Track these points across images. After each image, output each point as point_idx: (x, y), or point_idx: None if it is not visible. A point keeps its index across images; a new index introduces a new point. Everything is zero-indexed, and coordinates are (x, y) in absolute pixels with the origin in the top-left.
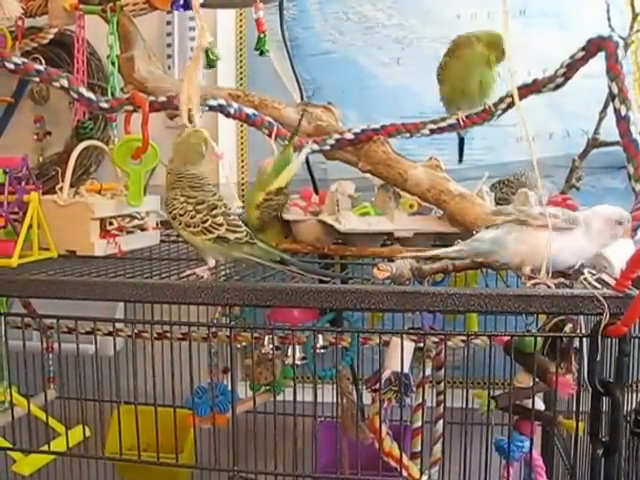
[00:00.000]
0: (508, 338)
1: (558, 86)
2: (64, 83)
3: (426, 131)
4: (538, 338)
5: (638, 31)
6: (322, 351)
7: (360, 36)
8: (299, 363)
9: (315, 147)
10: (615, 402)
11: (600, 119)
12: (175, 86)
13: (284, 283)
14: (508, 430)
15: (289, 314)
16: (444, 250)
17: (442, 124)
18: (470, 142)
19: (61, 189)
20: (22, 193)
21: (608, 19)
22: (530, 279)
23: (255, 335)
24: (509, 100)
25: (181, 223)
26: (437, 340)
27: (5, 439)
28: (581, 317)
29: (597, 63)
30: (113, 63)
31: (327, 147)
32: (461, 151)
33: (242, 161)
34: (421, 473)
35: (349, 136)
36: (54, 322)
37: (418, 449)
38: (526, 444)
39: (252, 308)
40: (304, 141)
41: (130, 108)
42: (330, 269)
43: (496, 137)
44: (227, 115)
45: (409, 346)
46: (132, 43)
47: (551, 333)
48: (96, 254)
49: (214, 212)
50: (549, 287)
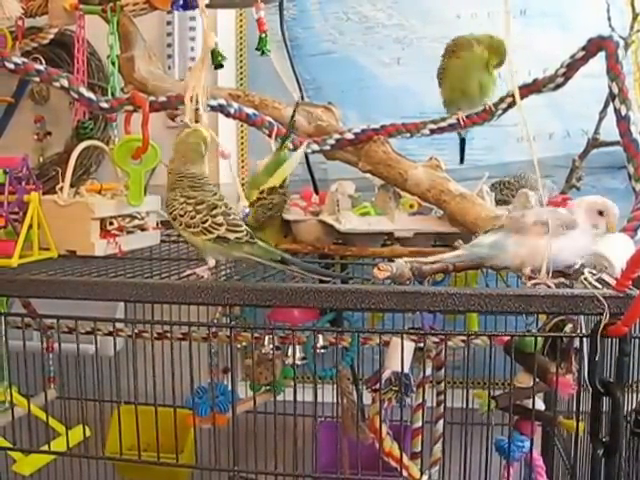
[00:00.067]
0: (508, 338)
1: (558, 86)
2: (64, 83)
3: (426, 131)
4: (538, 338)
5: (638, 31)
6: (322, 351)
7: (360, 36)
8: (299, 363)
9: (315, 147)
10: (615, 402)
11: (600, 119)
12: (175, 86)
13: (284, 283)
14: (508, 430)
15: (289, 314)
16: (443, 256)
17: (442, 124)
18: (470, 142)
19: (61, 189)
20: (22, 193)
21: (608, 19)
22: (530, 279)
23: (255, 335)
24: (509, 100)
25: (181, 224)
26: (437, 340)
27: (5, 439)
28: (581, 317)
29: (597, 63)
30: (113, 63)
31: (327, 147)
32: (462, 152)
33: (242, 161)
34: (421, 473)
35: (349, 136)
36: (54, 322)
37: (418, 449)
38: (526, 444)
39: (252, 308)
40: (302, 141)
41: (130, 108)
42: (330, 269)
43: (496, 137)
44: (227, 115)
45: (409, 346)
46: (132, 43)
47: (551, 333)
48: (96, 254)
49: (214, 212)
50: (549, 287)
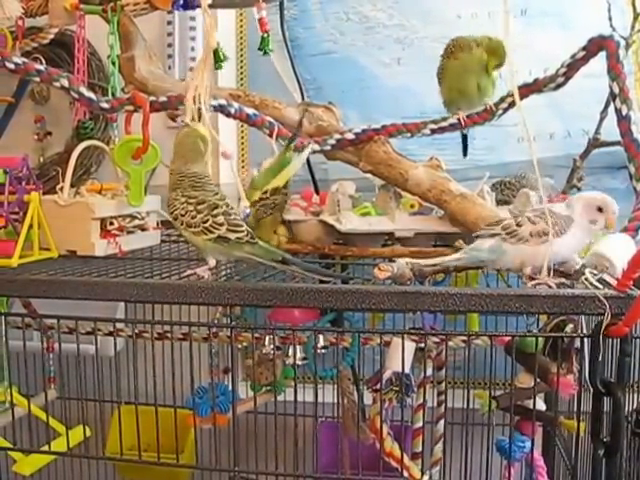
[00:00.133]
0: (509, 338)
1: (559, 86)
2: (64, 83)
3: (427, 131)
4: (539, 338)
5: (639, 31)
6: (323, 351)
7: (361, 36)
8: (300, 363)
9: (316, 147)
10: (616, 402)
11: (601, 119)
12: (176, 86)
13: (285, 283)
14: (509, 430)
15: (290, 314)
16: (443, 259)
17: (443, 124)
18: (471, 142)
19: (62, 189)
20: (22, 193)
21: (609, 19)
22: (531, 279)
23: (256, 335)
24: (510, 100)
25: (182, 223)
26: (438, 340)
27: (5, 439)
28: (582, 317)
29: (598, 63)
30: (114, 63)
31: (328, 147)
32: (465, 147)
33: (242, 161)
34: (422, 473)
35: (350, 136)
36: (55, 322)
37: (419, 449)
38: (527, 444)
39: (253, 308)
40: (305, 142)
41: (131, 108)
42: (331, 269)
43: (497, 137)
44: (228, 115)
45: (410, 346)
46: (133, 43)
47: (552, 333)
48: (97, 254)
49: (215, 212)
50: (550, 287)
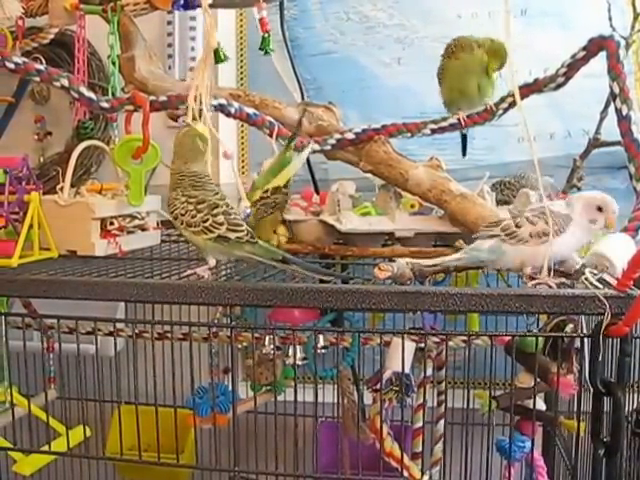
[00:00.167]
0: (509, 338)
1: (559, 86)
2: (65, 83)
3: (427, 131)
4: (539, 338)
5: (639, 31)
6: (323, 351)
7: (361, 36)
8: (300, 363)
9: (316, 147)
10: (616, 402)
11: (601, 119)
12: (176, 86)
13: (285, 283)
14: (509, 430)
15: (290, 314)
16: (443, 259)
17: (443, 124)
18: (471, 142)
19: (62, 189)
20: (23, 193)
21: (609, 19)
22: (531, 279)
23: (256, 335)
24: (510, 100)
25: (183, 223)
26: (438, 340)
27: (6, 439)
28: (582, 317)
29: (598, 63)
30: (114, 63)
31: (328, 147)
32: (464, 146)
33: (242, 161)
34: (422, 473)
35: (350, 136)
36: (55, 322)
37: (419, 449)
38: (527, 444)
39: (253, 308)
40: (305, 141)
41: (131, 108)
42: (331, 269)
43: (497, 137)
44: (228, 115)
45: (410, 346)
46: (133, 43)
47: (552, 333)
48: (97, 254)
49: (215, 211)
50: (550, 287)
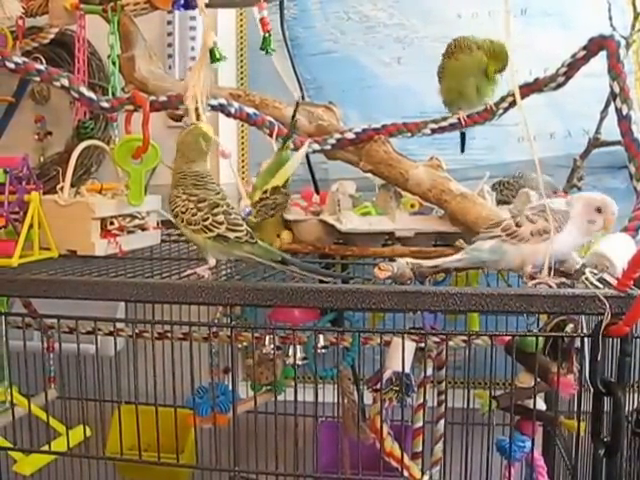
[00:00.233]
0: (509, 338)
1: (559, 85)
2: (65, 83)
3: (427, 130)
4: (539, 338)
5: (639, 30)
6: (323, 351)
7: (361, 36)
8: (300, 363)
9: (316, 147)
10: (617, 402)
11: (601, 118)
12: (176, 86)
13: (285, 283)
14: (510, 430)
15: (290, 314)
16: (444, 260)
17: (443, 123)
18: (471, 142)
19: (62, 189)
20: (23, 193)
21: (609, 18)
22: (532, 278)
23: (256, 335)
24: (510, 99)
25: (183, 221)
26: (438, 340)
27: (6, 439)
28: (582, 317)
29: (598, 62)
30: (114, 63)
31: (328, 147)
32: (463, 143)
33: (242, 161)
34: (422, 473)
35: (350, 136)
36: (55, 322)
37: (419, 449)
38: (527, 444)
39: (253, 308)
40: (303, 140)
41: (131, 108)
42: (331, 269)
43: (497, 137)
44: (228, 115)
45: (410, 346)
46: (133, 43)
47: (552, 333)
48: (97, 254)
49: (215, 210)
50: (550, 287)
